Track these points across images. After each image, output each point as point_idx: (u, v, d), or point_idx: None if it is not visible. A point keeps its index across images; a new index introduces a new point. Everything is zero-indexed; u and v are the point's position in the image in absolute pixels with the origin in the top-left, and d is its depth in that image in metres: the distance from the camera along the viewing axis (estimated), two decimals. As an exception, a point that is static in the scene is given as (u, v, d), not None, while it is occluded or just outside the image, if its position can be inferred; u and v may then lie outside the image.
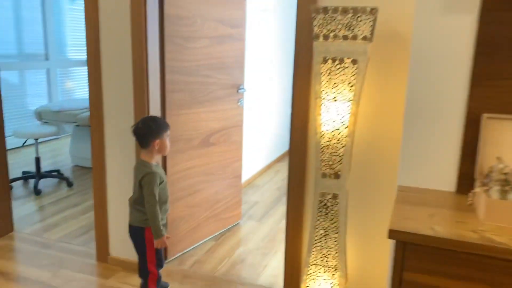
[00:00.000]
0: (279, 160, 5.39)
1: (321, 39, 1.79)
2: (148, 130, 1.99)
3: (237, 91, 3.18)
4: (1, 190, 3.01)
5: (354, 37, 1.74)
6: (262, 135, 4.73)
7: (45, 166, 4.74)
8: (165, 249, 2.74)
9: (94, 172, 2.64)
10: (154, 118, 2.09)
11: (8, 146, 5.17)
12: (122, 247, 2.68)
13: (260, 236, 3.24)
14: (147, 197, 1.98)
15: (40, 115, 4.47)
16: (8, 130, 4.65)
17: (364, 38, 1.73)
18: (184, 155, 2.78)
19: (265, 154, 4.90)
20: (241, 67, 3.19)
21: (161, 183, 2.03)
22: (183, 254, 2.91)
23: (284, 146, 5.62)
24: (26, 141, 4.39)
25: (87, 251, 2.89)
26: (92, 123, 2.60)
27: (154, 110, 2.49)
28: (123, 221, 2.53)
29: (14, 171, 4.58)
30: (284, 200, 4.00)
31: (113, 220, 2.68)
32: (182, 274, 2.64)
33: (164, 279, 2.53)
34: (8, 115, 5.40)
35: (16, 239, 3.02)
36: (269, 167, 5.04)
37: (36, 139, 4.07)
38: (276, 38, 4.85)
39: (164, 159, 2.64)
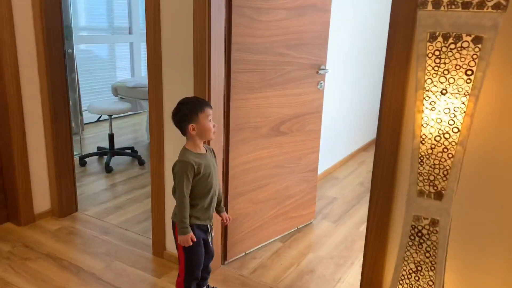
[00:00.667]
0: (364, 149, 4.84)
1: (429, 7, 1.28)
2: (180, 115, 1.73)
3: (317, 72, 2.72)
4: (65, 169, 2.91)
5: (481, 4, 1.21)
6: (343, 120, 4.22)
7: (121, 142, 4.71)
8: (224, 249, 2.44)
9: (151, 157, 2.39)
10: (185, 99, 1.79)
11: (87, 120, 5.29)
12: (177, 243, 2.43)
13: (335, 241, 2.81)
14: (176, 186, 1.73)
15: (116, 90, 4.39)
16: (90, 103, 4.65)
17: (497, 5, 1.20)
18: (249, 145, 2.42)
19: (347, 141, 4.39)
20: (324, 43, 2.71)
21: (197, 174, 1.73)
22: (245, 255, 2.59)
23: (371, 134, 5.04)
24: (100, 116, 4.34)
25: (145, 241, 2.69)
26: (150, 105, 2.33)
27: (216, 92, 2.14)
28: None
29: (90, 146, 4.60)
30: (367, 198, 3.50)
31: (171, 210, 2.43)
32: (241, 282, 2.32)
33: (219, 285, 2.23)
34: (93, 88, 5.49)
35: (78, 221, 2.92)
36: (352, 156, 4.53)
37: (110, 115, 3.98)
38: (367, 6, 4.24)
39: (226, 149, 2.30)
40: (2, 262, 2.40)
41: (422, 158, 1.38)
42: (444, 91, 1.31)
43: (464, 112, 1.30)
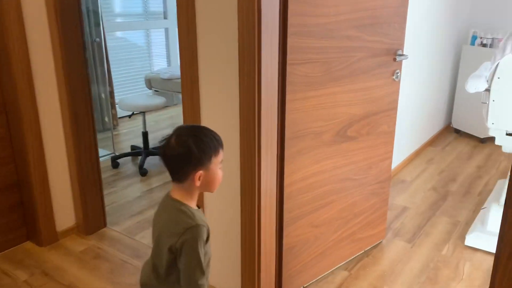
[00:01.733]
0: (430, 143, 4.19)
1: None
2: (185, 155, 1.17)
3: (394, 60, 2.14)
4: (91, 179, 2.51)
5: None
6: (410, 110, 3.60)
7: (157, 138, 4.30)
8: (278, 285, 1.95)
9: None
10: (196, 131, 1.24)
11: (121, 114, 4.89)
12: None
13: (413, 269, 2.26)
14: (189, 270, 1.18)
15: (150, 82, 3.96)
16: (126, 95, 4.21)
17: None
18: (309, 156, 1.90)
19: (411, 136, 3.77)
20: (402, 22, 2.13)
21: (207, 238, 1.23)
22: (303, 288, 2.10)
23: (438, 125, 4.38)
24: (133, 112, 3.94)
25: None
26: (184, 105, 1.86)
27: (269, 91, 1.62)
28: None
29: (125, 143, 4.22)
30: (445, 207, 2.91)
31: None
32: (301, 330, 1.84)
33: None
34: (127, 80, 5.10)
35: (106, 240, 2.52)
36: (418, 153, 3.91)
37: (143, 112, 3.55)
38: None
39: (281, 164, 1.79)
40: (16, 296, 2.03)
41: None
42: None
43: None
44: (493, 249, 2.38)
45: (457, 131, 4.49)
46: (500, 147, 4.12)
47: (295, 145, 1.81)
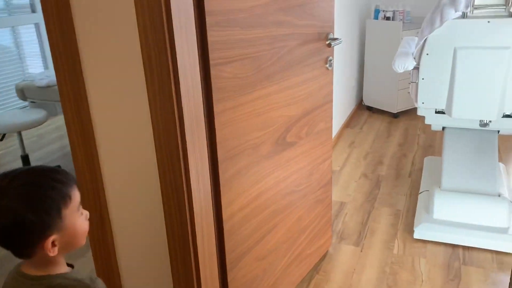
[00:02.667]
0: (347, 124, 4.05)
1: None
2: (16, 224, 0.80)
3: (328, 45, 1.81)
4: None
5: None
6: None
7: (42, 158, 3.57)
8: None
9: (82, 193, 1.41)
10: (27, 185, 0.82)
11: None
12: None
13: (371, 278, 2.02)
14: None
15: (23, 92, 3.22)
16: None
17: None
18: (248, 177, 1.51)
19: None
20: (330, 0, 1.80)
21: None
22: (255, 331, 1.73)
23: (352, 102, 4.27)
24: (4, 134, 3.19)
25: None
26: (68, 126, 1.33)
27: (191, 104, 1.18)
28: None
29: None
30: (381, 196, 2.73)
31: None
32: None
33: None
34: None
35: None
36: (338, 138, 3.73)
37: (19, 132, 2.85)
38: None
39: (215, 195, 1.37)
40: None
41: None
42: None
43: None
44: (443, 239, 2.23)
45: (370, 108, 4.42)
46: (414, 120, 4.15)
47: (230, 168, 1.40)
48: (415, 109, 4.38)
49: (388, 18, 4.09)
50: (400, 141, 3.63)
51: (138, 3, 1.07)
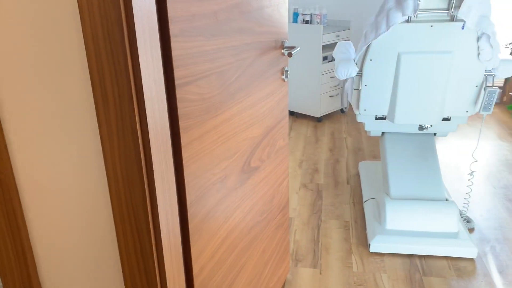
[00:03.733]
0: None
1: None
2: None
3: (287, 54, 1.61)
4: None
5: None
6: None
7: None
8: None
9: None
10: None
11: None
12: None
13: (338, 305, 1.87)
14: None
15: None
16: None
17: None
18: (217, 218, 1.25)
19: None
20: (283, 3, 1.60)
21: None
22: None
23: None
24: None
25: None
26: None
27: (160, 137, 0.89)
28: None
29: None
30: (325, 207, 2.61)
31: None
32: None
33: None
34: None
35: None
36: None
37: None
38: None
39: (186, 253, 1.09)
40: None
41: None
42: None
43: None
44: (399, 250, 2.17)
45: (293, 114, 4.34)
46: (338, 123, 4.15)
47: (199, 211, 1.13)
48: (337, 112, 4.42)
49: (307, 22, 4.04)
50: (330, 145, 3.58)
51: (83, 6, 0.76)
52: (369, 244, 2.20)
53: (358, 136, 3.74)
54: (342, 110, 4.40)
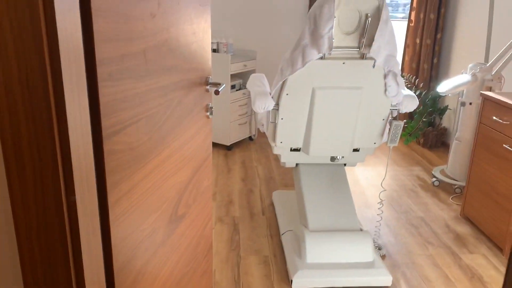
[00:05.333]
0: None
1: None
2: None
3: (207, 90, 1.52)
4: None
5: None
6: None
7: None
8: None
9: None
10: None
11: None
12: None
13: None
14: None
15: None
16: None
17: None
18: (143, 283, 1.10)
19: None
20: (208, 38, 1.52)
21: None
22: None
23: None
24: None
25: None
26: None
27: (87, 201, 0.74)
28: None
29: None
30: (243, 242, 2.54)
31: None
32: None
33: None
34: None
35: None
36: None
37: None
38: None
39: (116, 325, 0.93)
40: None
41: None
42: None
43: None
44: (321, 284, 2.17)
45: (201, 141, 4.24)
46: (247, 151, 4.14)
47: (127, 276, 0.98)
48: (246, 140, 4.42)
49: (214, 50, 4.01)
50: (242, 175, 3.54)
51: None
52: (291, 280, 2.16)
53: (268, 164, 3.77)
54: (250, 138, 4.41)
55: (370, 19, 2.00)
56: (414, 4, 4.32)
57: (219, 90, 1.48)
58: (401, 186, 3.39)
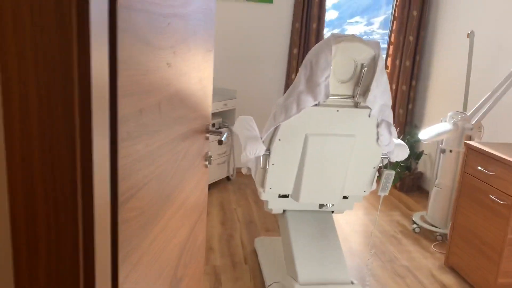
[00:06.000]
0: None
1: None
2: None
3: (207, 138, 1.43)
4: None
5: None
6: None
7: None
8: None
9: None
10: None
11: None
12: None
13: None
14: None
15: None
16: None
17: None
18: None
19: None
20: (210, 85, 1.45)
21: None
22: None
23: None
24: None
25: None
26: None
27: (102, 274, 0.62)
28: None
29: None
30: None
31: None
32: None
33: None
34: None
35: None
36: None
37: None
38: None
39: None
40: None
41: None
42: None
43: None
44: None
45: (177, 181, 4.09)
46: (226, 193, 4.01)
47: None
48: (224, 180, 4.29)
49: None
50: (221, 218, 3.40)
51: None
52: (282, 338, 2.03)
53: (247, 206, 3.65)
54: (228, 178, 4.30)
55: (366, 69, 1.99)
56: (390, 51, 4.45)
57: (223, 139, 1.39)
58: (382, 232, 3.35)
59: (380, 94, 2.03)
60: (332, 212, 2.60)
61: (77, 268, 0.55)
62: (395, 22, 4.37)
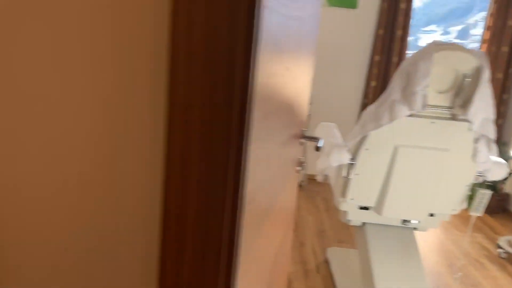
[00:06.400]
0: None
1: None
2: None
3: (301, 143, 1.41)
4: None
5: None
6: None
7: None
8: None
9: None
10: None
11: None
12: None
13: None
14: None
15: None
16: None
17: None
18: None
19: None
20: (309, 85, 1.42)
21: None
22: None
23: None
24: None
25: None
26: None
27: None
28: None
29: None
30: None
31: None
32: None
33: None
34: None
35: None
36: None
37: None
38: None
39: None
40: None
41: None
42: None
43: None
44: None
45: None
46: (296, 198, 3.98)
47: None
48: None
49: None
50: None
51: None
52: None
53: (318, 215, 3.58)
54: (300, 185, 4.25)
55: (469, 79, 1.86)
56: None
57: (319, 145, 1.35)
58: (465, 255, 3.13)
59: (483, 107, 1.89)
60: (414, 229, 2.46)
61: (218, 267, 0.54)
62: (488, 32, 4.09)
